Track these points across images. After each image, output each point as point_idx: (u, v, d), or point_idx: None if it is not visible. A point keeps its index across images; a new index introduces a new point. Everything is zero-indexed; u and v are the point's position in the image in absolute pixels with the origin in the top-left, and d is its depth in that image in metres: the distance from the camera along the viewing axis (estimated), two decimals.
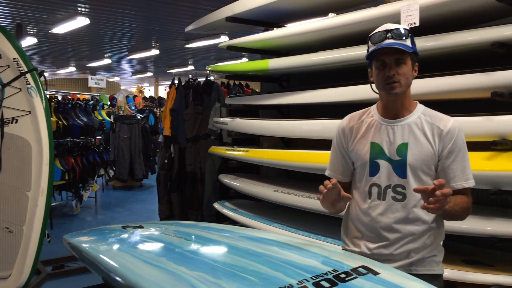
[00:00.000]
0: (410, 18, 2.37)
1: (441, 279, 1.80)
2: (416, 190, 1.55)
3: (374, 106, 1.86)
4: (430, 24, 2.49)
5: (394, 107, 1.76)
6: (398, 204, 1.72)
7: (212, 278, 1.45)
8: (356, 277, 1.43)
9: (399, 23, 2.44)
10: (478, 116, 2.33)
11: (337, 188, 1.66)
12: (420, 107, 1.79)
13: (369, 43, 1.76)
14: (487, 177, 2.22)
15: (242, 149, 3.89)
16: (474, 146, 2.42)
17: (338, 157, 1.90)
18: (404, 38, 1.69)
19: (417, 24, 2.38)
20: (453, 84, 2.41)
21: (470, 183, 1.73)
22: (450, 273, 2.35)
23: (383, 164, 1.74)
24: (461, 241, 2.75)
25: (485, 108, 2.40)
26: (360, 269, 1.49)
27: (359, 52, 2.82)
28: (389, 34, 1.68)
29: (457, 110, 2.48)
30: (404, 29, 1.71)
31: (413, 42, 1.73)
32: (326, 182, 1.66)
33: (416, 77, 2.53)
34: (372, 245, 1.76)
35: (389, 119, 1.77)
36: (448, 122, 1.73)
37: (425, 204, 1.50)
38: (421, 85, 2.55)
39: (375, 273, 1.47)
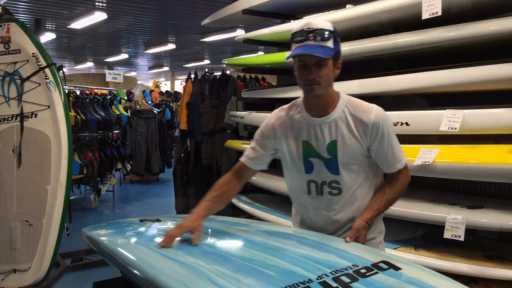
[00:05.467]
0: (432, 8, 2.31)
1: None
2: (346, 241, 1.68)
3: (301, 100, 1.83)
4: (452, 13, 2.43)
5: (317, 105, 1.76)
6: (336, 198, 1.79)
7: (230, 272, 1.44)
8: (377, 273, 1.40)
9: (420, 13, 2.38)
10: (502, 108, 2.27)
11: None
12: (344, 99, 1.77)
13: (292, 41, 1.69)
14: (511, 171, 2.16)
15: None
16: (497, 138, 2.36)
17: (258, 148, 1.93)
18: (326, 39, 1.63)
19: (439, 13, 2.31)
20: (476, 75, 2.34)
21: (403, 163, 1.79)
22: (471, 268, 2.30)
23: (316, 162, 1.78)
24: (482, 235, 2.69)
25: (510, 100, 2.34)
26: (381, 264, 1.46)
27: (377, 43, 2.77)
28: (310, 35, 1.62)
29: (480, 102, 2.43)
30: (326, 30, 1.64)
31: (336, 41, 1.67)
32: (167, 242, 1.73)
33: (438, 68, 2.52)
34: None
35: (316, 118, 1.77)
36: (371, 113, 1.72)
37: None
38: (442, 76, 2.50)
39: (397, 269, 1.43)
